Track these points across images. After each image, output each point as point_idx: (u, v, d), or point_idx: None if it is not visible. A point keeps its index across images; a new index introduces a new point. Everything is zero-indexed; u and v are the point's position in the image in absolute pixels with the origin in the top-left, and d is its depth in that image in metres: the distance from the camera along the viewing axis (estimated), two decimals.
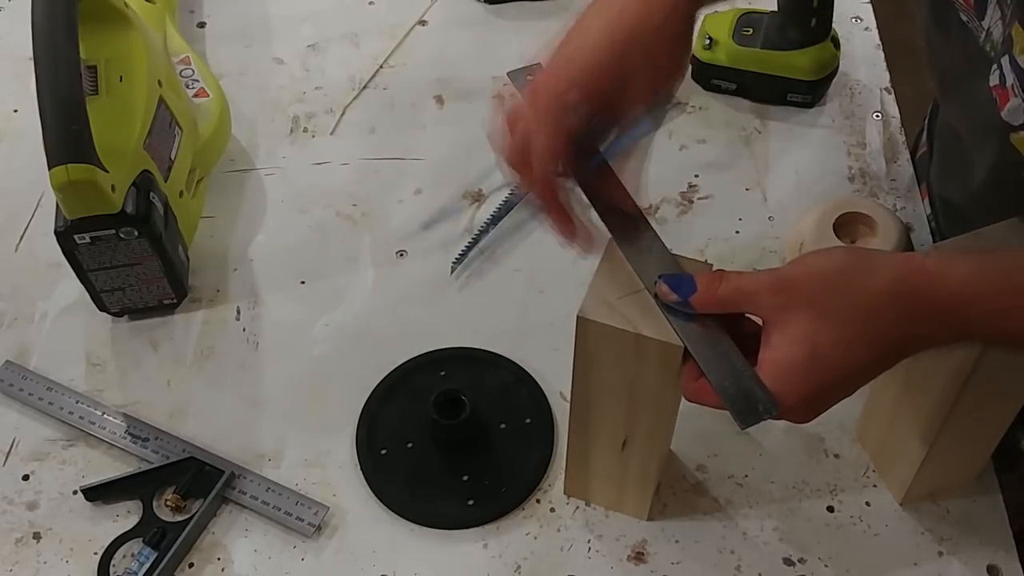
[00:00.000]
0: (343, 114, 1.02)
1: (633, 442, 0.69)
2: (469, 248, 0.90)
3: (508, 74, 0.73)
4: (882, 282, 0.58)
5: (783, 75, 0.98)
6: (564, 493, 0.77)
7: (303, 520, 0.76)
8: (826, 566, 0.74)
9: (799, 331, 0.57)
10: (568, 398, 0.82)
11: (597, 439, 0.71)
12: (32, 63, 0.76)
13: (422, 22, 1.10)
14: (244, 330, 0.87)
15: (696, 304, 0.60)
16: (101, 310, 0.86)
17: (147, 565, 0.74)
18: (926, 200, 0.93)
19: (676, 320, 0.60)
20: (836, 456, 0.79)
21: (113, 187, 0.77)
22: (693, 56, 1.01)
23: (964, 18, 0.67)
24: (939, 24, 0.71)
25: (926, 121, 0.95)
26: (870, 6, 1.08)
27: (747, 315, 0.60)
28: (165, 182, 0.85)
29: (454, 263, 0.90)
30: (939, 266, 0.58)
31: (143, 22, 0.90)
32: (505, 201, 0.93)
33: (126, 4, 0.89)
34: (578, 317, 0.61)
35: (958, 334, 0.59)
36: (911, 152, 0.97)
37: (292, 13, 1.11)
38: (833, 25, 0.97)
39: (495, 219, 0.92)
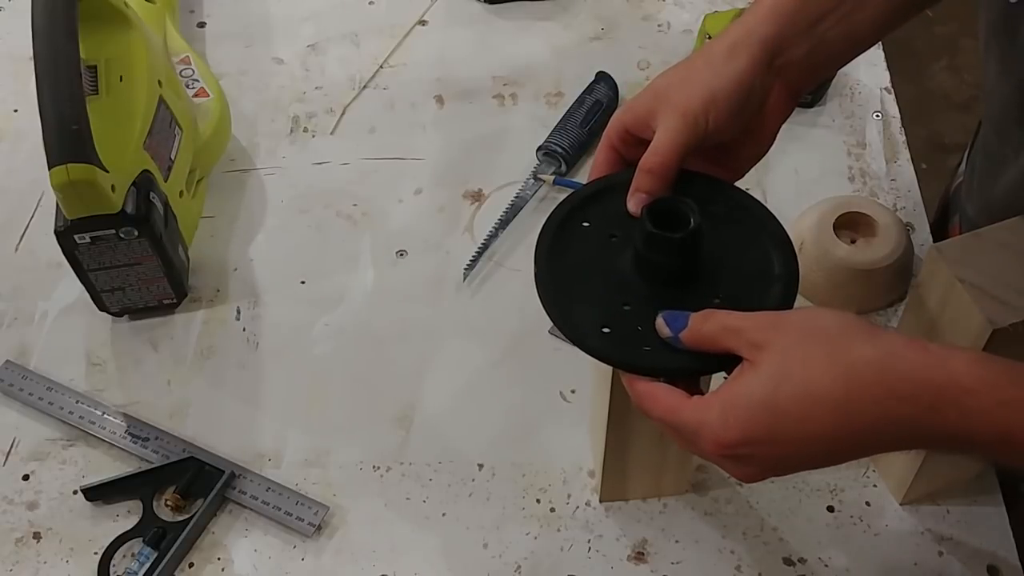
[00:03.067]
0: (343, 114, 1.02)
1: None
2: (480, 254, 0.90)
3: None
4: (873, 350, 0.53)
5: None
6: (600, 502, 0.77)
7: (303, 520, 0.76)
8: (826, 566, 0.74)
9: (768, 371, 0.54)
10: (568, 399, 0.83)
11: (638, 432, 0.70)
12: (32, 63, 0.76)
13: (422, 22, 1.10)
14: (244, 330, 0.87)
15: (685, 339, 0.58)
16: (101, 310, 0.86)
17: (147, 565, 0.74)
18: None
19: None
20: None
21: (113, 187, 0.77)
22: None
23: None
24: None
25: (966, 153, 0.91)
26: None
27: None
28: (165, 182, 0.85)
29: (466, 270, 0.90)
30: (943, 349, 0.53)
31: (143, 22, 0.90)
32: (511, 204, 0.93)
33: (126, 4, 0.89)
34: None
35: (946, 429, 0.52)
36: (945, 188, 0.95)
37: (292, 13, 1.11)
38: None
39: (503, 222, 0.92)
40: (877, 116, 1.00)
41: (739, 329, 0.56)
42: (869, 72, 1.03)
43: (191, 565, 0.75)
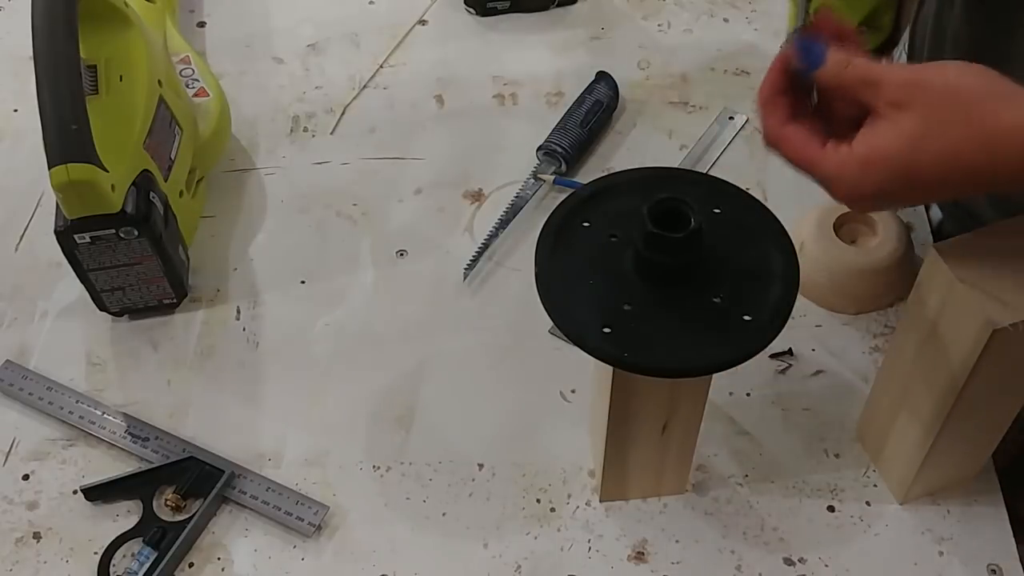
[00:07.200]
0: (343, 114, 1.02)
1: (674, 422, 0.69)
2: (480, 254, 0.90)
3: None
4: (1017, 117, 0.53)
5: None
6: (600, 501, 0.77)
7: (303, 520, 0.76)
8: (826, 566, 0.74)
9: (908, 130, 0.54)
10: (568, 399, 0.83)
11: (638, 432, 0.70)
12: (32, 63, 0.76)
13: (422, 22, 1.10)
14: (244, 330, 0.87)
15: (821, 78, 0.58)
16: (101, 310, 0.86)
17: (147, 565, 0.74)
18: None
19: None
20: (836, 456, 0.79)
21: (113, 187, 0.77)
22: None
23: None
24: None
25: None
26: None
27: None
28: (165, 182, 0.85)
29: (466, 270, 0.90)
30: None
31: (143, 22, 0.90)
32: (511, 204, 0.93)
33: (126, 4, 0.89)
34: None
35: None
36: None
37: (292, 13, 1.11)
38: None
39: (503, 222, 0.92)
40: None
41: (879, 83, 0.56)
42: None
43: (191, 565, 0.75)
